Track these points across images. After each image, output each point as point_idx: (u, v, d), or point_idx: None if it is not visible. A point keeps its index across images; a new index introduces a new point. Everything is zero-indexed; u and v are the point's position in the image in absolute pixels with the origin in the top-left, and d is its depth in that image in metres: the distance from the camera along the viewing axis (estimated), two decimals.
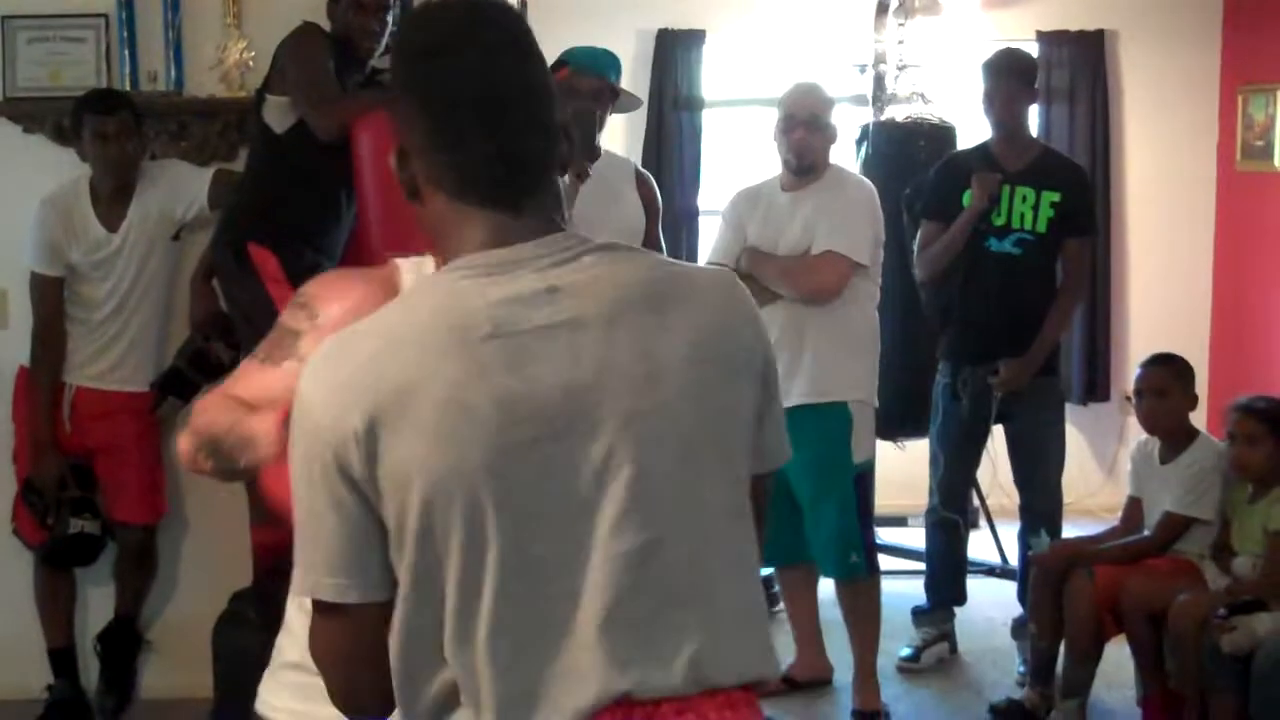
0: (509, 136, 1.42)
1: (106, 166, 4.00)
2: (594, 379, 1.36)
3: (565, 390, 1.35)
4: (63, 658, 4.18)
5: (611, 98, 4.03)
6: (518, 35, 1.46)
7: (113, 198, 4.06)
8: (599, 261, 1.42)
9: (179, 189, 4.09)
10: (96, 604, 4.34)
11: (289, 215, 3.65)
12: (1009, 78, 4.54)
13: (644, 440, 1.37)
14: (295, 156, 3.68)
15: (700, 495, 1.40)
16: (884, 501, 5.60)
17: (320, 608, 1.41)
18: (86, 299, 4.12)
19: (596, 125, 3.95)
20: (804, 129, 4.17)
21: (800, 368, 4.15)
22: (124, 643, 4.28)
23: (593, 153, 3.92)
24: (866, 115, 6.04)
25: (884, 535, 5.87)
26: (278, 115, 3.71)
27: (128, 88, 4.26)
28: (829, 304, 4.14)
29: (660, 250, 4.24)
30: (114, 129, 3.94)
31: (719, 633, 1.39)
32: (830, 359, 4.15)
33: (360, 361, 1.37)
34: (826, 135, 4.22)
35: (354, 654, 1.43)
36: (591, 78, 3.95)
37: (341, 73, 3.74)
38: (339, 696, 1.47)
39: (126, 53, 4.29)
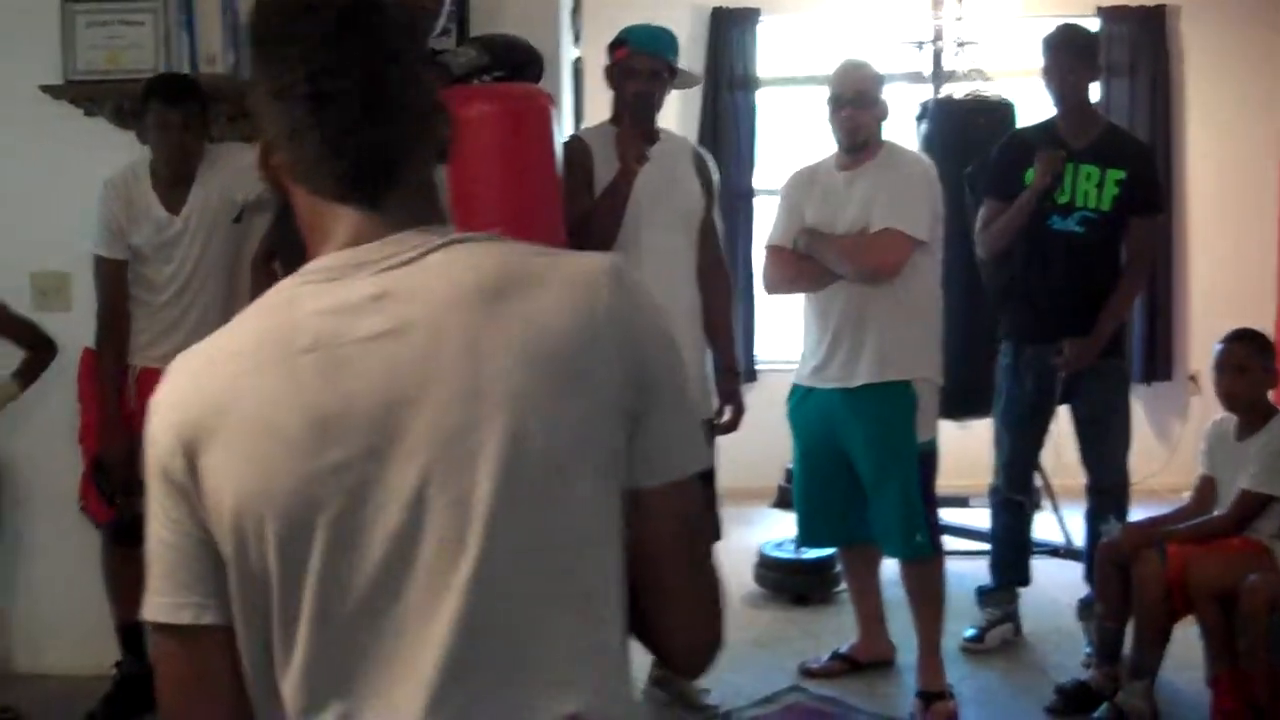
0: (345, 130, 1.28)
1: (169, 154, 4.01)
2: (415, 392, 1.22)
3: (385, 406, 1.22)
4: (131, 634, 4.20)
5: (670, 76, 4.01)
6: (362, 18, 1.30)
7: (174, 181, 4.07)
8: (446, 259, 1.28)
9: (239, 172, 4.08)
10: None
11: None
12: (1069, 54, 4.48)
13: (464, 460, 1.21)
14: None
15: (531, 521, 1.24)
16: (946, 482, 5.56)
17: (156, 629, 1.31)
18: (149, 281, 4.14)
19: (654, 108, 3.93)
20: (852, 107, 4.12)
21: (863, 348, 4.12)
22: None
23: (650, 135, 3.90)
24: (925, 93, 5.99)
25: (946, 516, 5.83)
26: None
27: (186, 70, 4.27)
28: (890, 282, 4.10)
29: (716, 232, 4.21)
30: (178, 118, 3.95)
31: (544, 677, 1.25)
32: (893, 337, 4.11)
33: (185, 377, 1.30)
34: (876, 112, 4.17)
35: (189, 683, 1.32)
36: (649, 57, 3.93)
37: None
38: None
39: (185, 35, 4.30)
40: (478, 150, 3.55)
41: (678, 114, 6.83)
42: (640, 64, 3.94)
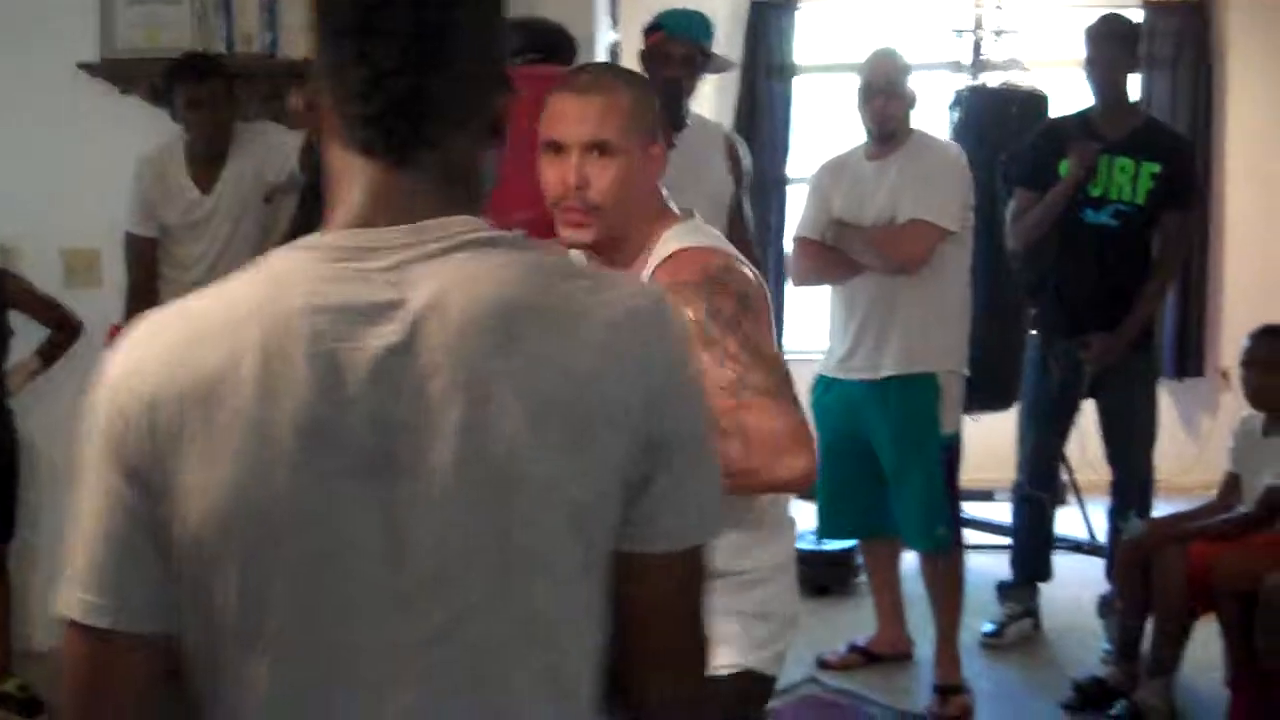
0: (386, 70, 1.16)
1: (199, 132, 4.05)
2: (411, 419, 1.12)
3: (379, 426, 1.12)
4: None
5: (703, 61, 4.00)
6: None
7: (207, 160, 4.11)
8: (471, 262, 1.16)
9: (271, 152, 4.12)
10: None
11: None
12: (1111, 44, 4.45)
13: (453, 503, 1.12)
14: None
15: (510, 582, 1.13)
16: (970, 476, 5.55)
17: (71, 626, 1.17)
18: (179, 259, 4.17)
19: (683, 94, 3.92)
20: (882, 96, 4.12)
21: (890, 339, 4.12)
22: None
23: (677, 122, 3.90)
24: (964, 81, 5.95)
25: (969, 509, 5.82)
26: None
27: (223, 50, 4.31)
28: (918, 273, 4.08)
29: (746, 220, 4.21)
30: (205, 95, 3.99)
31: None
32: (920, 329, 4.10)
33: (163, 347, 1.15)
34: (906, 101, 4.16)
35: (98, 692, 1.19)
36: (683, 42, 3.93)
37: None
38: None
39: (222, 14, 4.33)
40: (511, 132, 3.55)
41: (714, 100, 6.82)
42: (674, 49, 3.94)
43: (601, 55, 4.52)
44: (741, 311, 2.02)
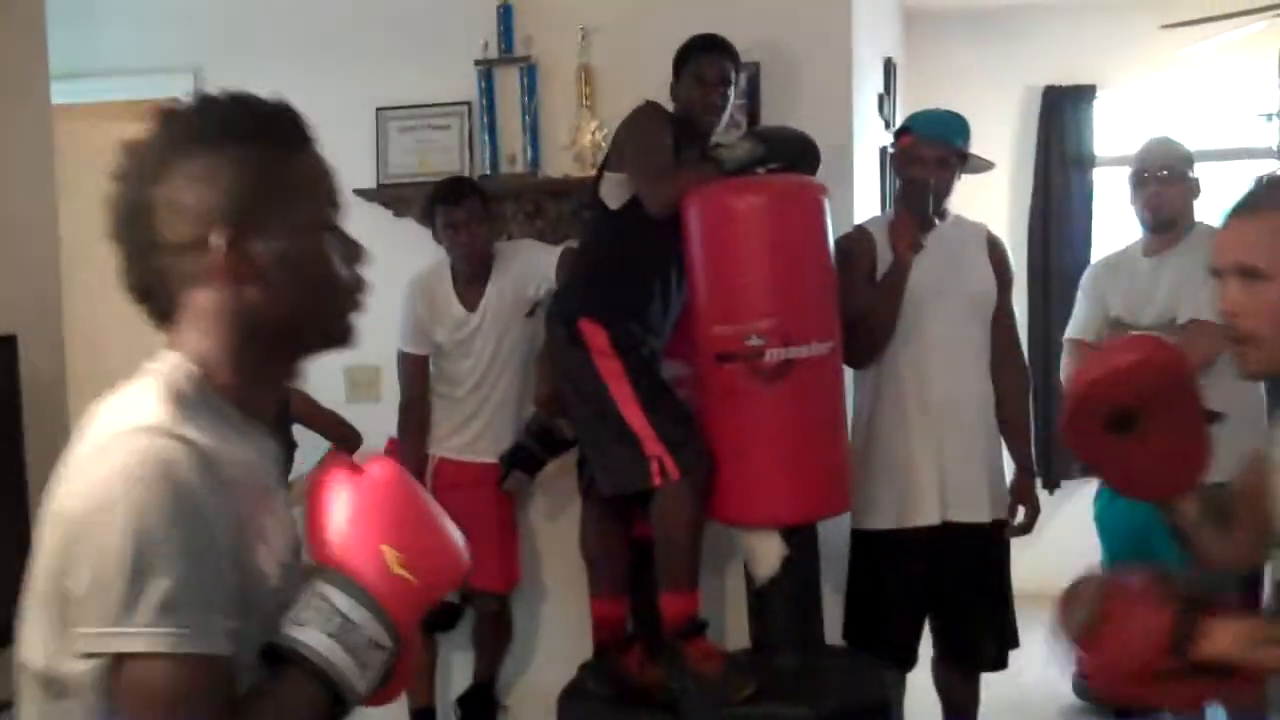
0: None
1: (459, 252, 4.16)
2: None
3: None
4: (424, 717, 4.33)
5: (959, 162, 3.87)
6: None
7: (471, 278, 4.22)
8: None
9: (531, 267, 4.20)
10: (457, 668, 4.49)
11: (619, 291, 3.67)
12: None
13: None
14: (628, 232, 3.70)
15: None
16: None
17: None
18: (450, 375, 4.29)
19: (929, 193, 3.80)
20: (1158, 184, 3.89)
21: None
22: (482, 707, 4.41)
23: (926, 223, 3.78)
24: (1270, 168, 5.57)
25: None
26: (613, 191, 3.75)
27: (488, 171, 4.45)
28: (1204, 376, 3.78)
29: (1012, 320, 4.02)
30: (463, 218, 4.10)
31: None
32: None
33: None
34: (1185, 189, 3.91)
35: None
36: (934, 144, 3.80)
37: (681, 150, 3.75)
38: None
39: (486, 137, 4.47)
40: (747, 242, 3.52)
41: (1009, 193, 6.62)
42: (925, 151, 3.82)
43: (859, 162, 4.43)
44: None
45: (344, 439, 4.38)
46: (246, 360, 1.45)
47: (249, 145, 1.43)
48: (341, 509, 1.45)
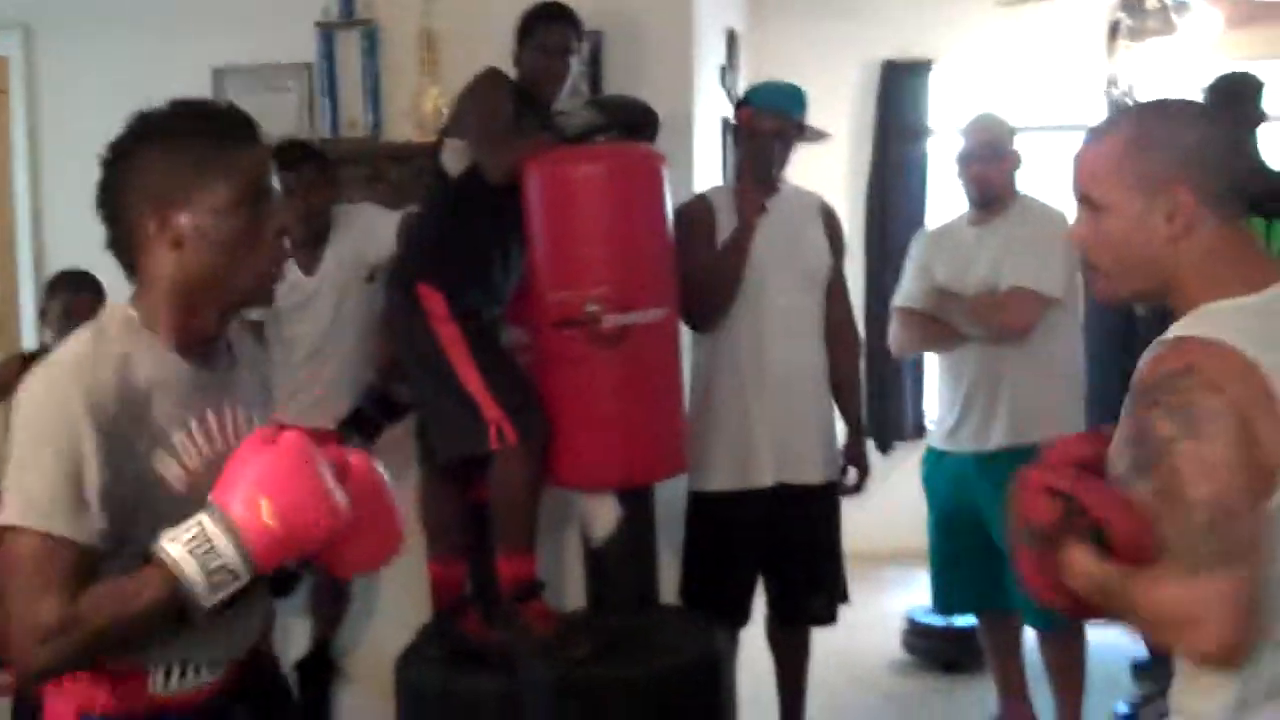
0: None
1: (295, 217, 4.13)
2: None
3: None
4: None
5: (797, 133, 3.95)
6: None
7: (309, 242, 4.19)
8: None
9: (371, 232, 4.19)
10: (297, 633, 4.48)
11: (459, 257, 3.69)
12: (1230, 101, 4.26)
13: None
14: (468, 199, 3.72)
15: None
16: None
17: None
18: (287, 339, 4.25)
19: (773, 163, 3.89)
20: (981, 161, 4.03)
21: (997, 411, 3.99)
22: (320, 671, 4.41)
23: (769, 187, 3.89)
24: None
25: None
26: (453, 158, 3.75)
27: (328, 134, 4.42)
28: (1023, 342, 3.95)
29: (845, 290, 4.13)
30: (299, 182, 4.07)
31: None
32: (1029, 399, 3.96)
33: None
34: (1007, 165, 4.05)
35: None
36: (771, 117, 3.89)
37: (522, 118, 3.77)
38: None
39: (327, 101, 4.45)
40: (585, 210, 3.57)
41: (847, 166, 6.76)
42: (764, 123, 3.90)
43: (698, 132, 4.50)
44: (1176, 437, 1.68)
45: None
46: (176, 309, 1.84)
47: (185, 141, 1.81)
48: (244, 463, 1.76)
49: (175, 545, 1.71)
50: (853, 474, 4.08)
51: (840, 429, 4.11)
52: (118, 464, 1.75)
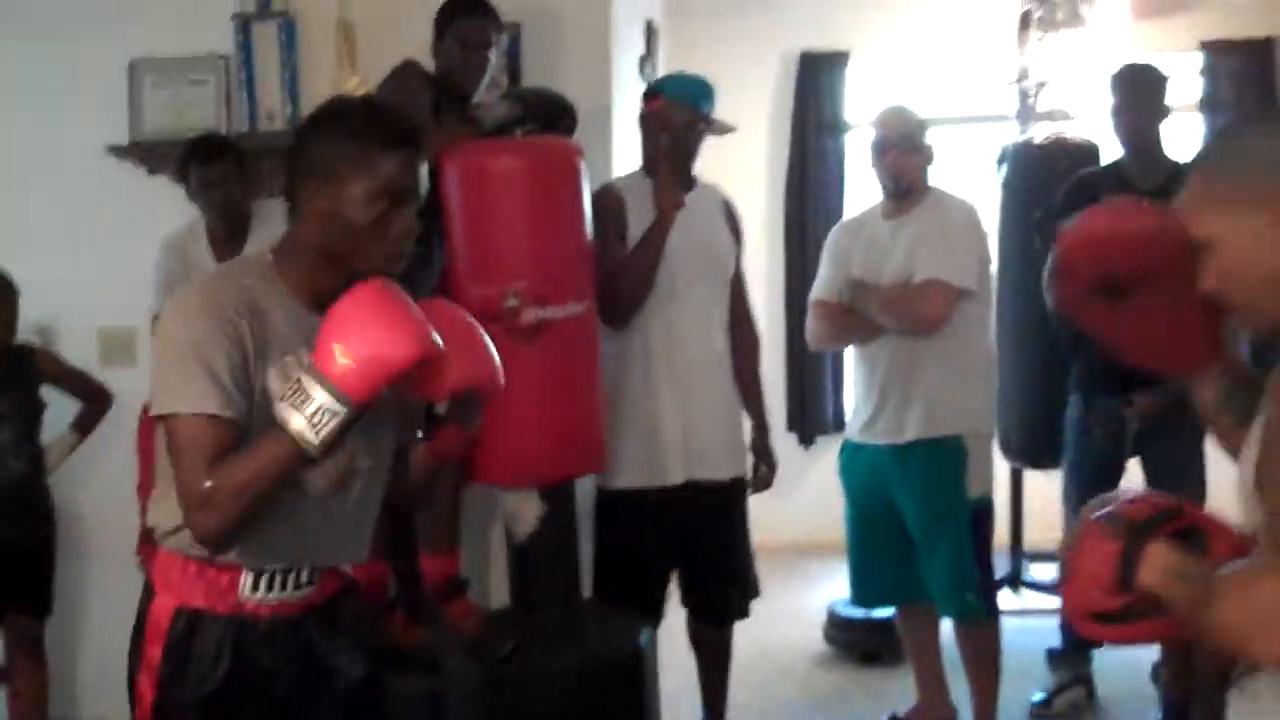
0: None
1: (215, 211, 4.10)
2: None
3: None
4: None
5: (706, 125, 3.96)
6: None
7: (228, 238, 4.15)
8: None
9: None
10: None
11: None
12: (1136, 92, 4.32)
13: None
14: None
15: None
16: (1040, 535, 5.39)
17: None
18: None
19: (691, 156, 3.91)
20: (895, 152, 4.05)
21: (912, 402, 4.02)
22: None
23: (687, 181, 3.89)
24: (1013, 133, 5.84)
25: (1037, 572, 5.66)
26: None
27: (246, 128, 4.37)
28: (937, 333, 3.99)
29: (743, 280, 4.14)
30: (217, 176, 4.04)
31: None
32: (942, 390, 4.00)
33: None
34: (920, 158, 4.09)
35: None
36: (684, 108, 3.90)
37: (441, 111, 3.76)
38: None
39: (245, 93, 4.40)
40: (503, 203, 3.56)
41: (766, 157, 6.79)
42: (675, 115, 3.90)
43: (617, 124, 4.50)
44: None
45: (91, 398, 4.29)
46: (303, 267, 2.12)
47: (355, 131, 2.07)
48: (328, 319, 2.00)
49: (279, 403, 1.97)
50: (761, 469, 4.10)
51: (746, 424, 4.12)
52: (249, 369, 2.03)
